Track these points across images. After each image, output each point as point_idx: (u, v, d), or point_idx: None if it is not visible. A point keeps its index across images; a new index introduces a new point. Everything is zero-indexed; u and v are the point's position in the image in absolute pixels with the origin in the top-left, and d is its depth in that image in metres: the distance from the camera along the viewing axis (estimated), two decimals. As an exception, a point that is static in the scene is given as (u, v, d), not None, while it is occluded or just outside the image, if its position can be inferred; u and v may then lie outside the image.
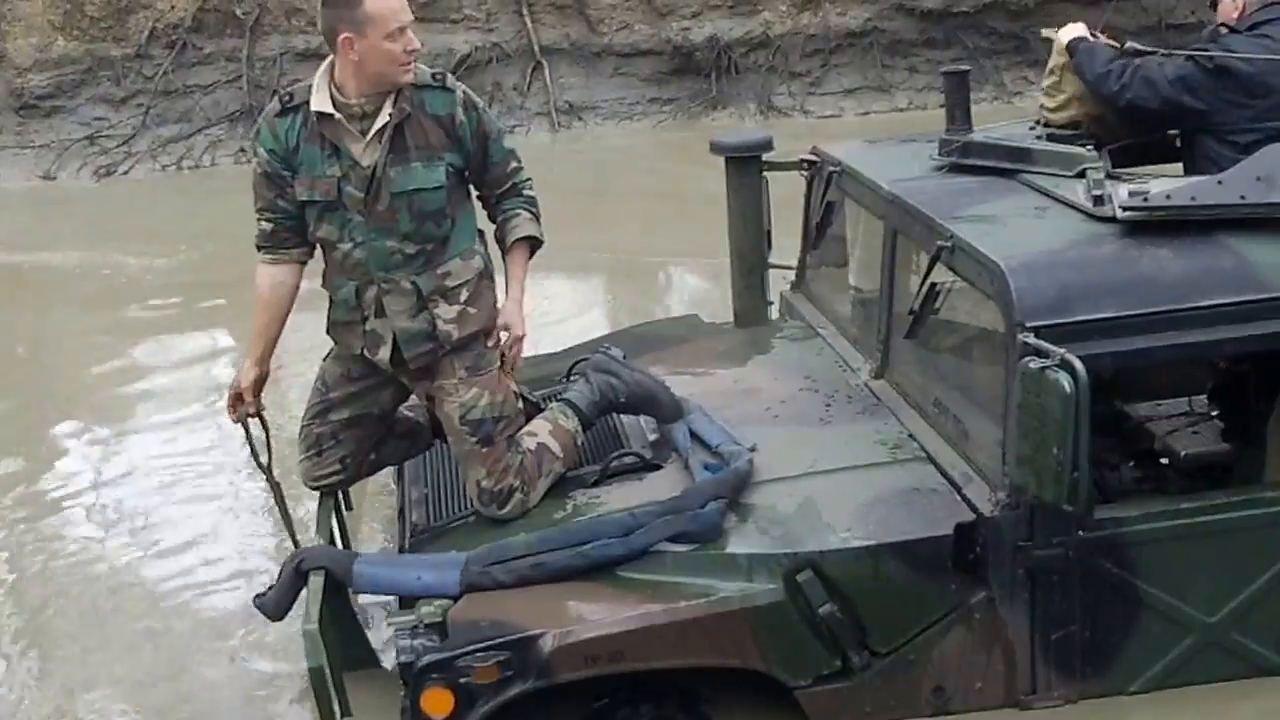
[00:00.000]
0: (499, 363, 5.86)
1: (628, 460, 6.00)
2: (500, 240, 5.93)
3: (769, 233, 7.72)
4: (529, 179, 5.97)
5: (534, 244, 5.94)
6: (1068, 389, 4.70)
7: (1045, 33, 6.60)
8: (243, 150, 17.90)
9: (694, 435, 5.98)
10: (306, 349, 8.23)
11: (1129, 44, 6.06)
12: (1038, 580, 5.21)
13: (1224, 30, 6.27)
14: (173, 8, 18.49)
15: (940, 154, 6.51)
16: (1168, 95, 6.02)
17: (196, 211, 15.95)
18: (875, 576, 5.24)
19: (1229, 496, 5.46)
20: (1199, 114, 6.03)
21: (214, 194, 16.57)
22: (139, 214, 16.42)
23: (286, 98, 5.66)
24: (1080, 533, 5.17)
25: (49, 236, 15.62)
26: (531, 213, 5.94)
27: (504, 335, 5.87)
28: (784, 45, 19.36)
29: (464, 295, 5.74)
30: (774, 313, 7.84)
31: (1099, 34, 6.39)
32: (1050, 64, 6.43)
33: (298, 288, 5.90)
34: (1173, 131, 6.40)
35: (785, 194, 7.77)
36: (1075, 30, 6.38)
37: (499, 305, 5.89)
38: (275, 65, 18.63)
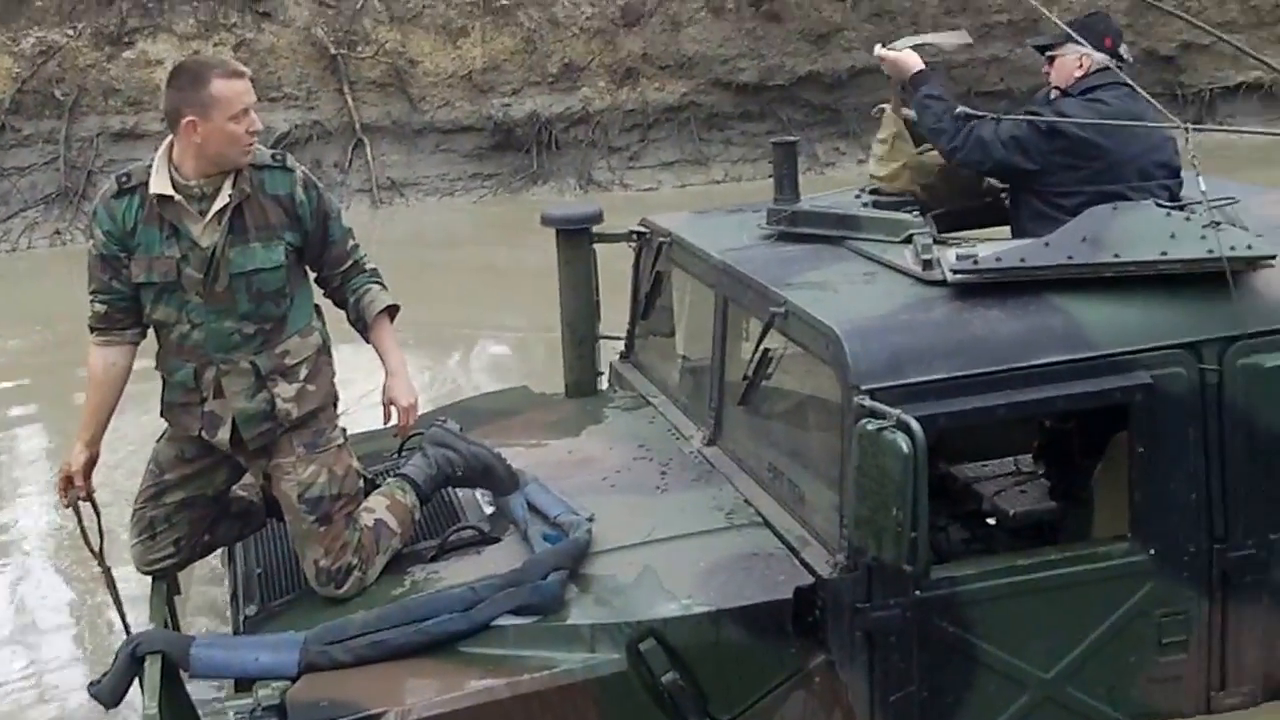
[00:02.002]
0: (340, 439, 5.75)
1: (466, 534, 5.90)
2: (359, 319, 5.86)
3: (598, 303, 7.68)
4: (366, 254, 5.91)
5: (393, 312, 5.86)
6: (905, 449, 4.70)
7: (881, 106, 6.65)
8: (58, 232, 17.70)
9: (532, 507, 5.92)
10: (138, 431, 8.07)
11: (959, 109, 6.11)
12: (876, 641, 5.18)
13: (1057, 94, 6.35)
14: (-9, 89, 18.22)
15: (768, 223, 6.52)
16: (1000, 157, 6.08)
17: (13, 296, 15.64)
18: (716, 643, 5.18)
19: (1060, 553, 5.50)
20: (1031, 174, 6.09)
21: (32, 277, 16.28)
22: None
23: (124, 178, 5.54)
24: (918, 593, 5.15)
25: None
26: (380, 284, 5.87)
27: (393, 410, 5.80)
28: (603, 120, 19.52)
29: (303, 373, 5.64)
30: (604, 383, 7.79)
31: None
32: (881, 134, 6.49)
33: (130, 369, 5.76)
34: (1002, 194, 6.46)
35: (612, 266, 7.75)
36: (912, 62, 6.46)
37: (387, 382, 5.82)
38: (92, 146, 18.46)
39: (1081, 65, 6.33)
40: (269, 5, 19.55)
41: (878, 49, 6.64)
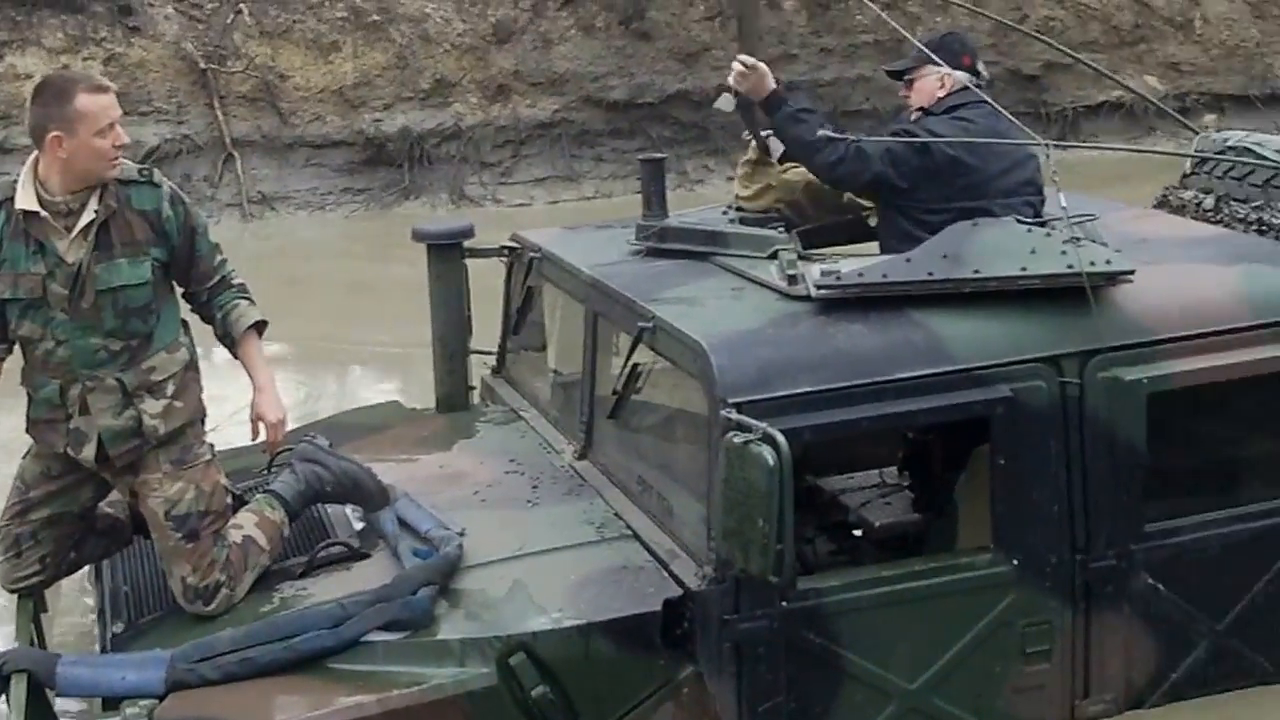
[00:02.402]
0: (207, 455, 5.69)
1: (335, 550, 5.86)
2: (227, 334, 5.81)
3: (469, 318, 7.66)
4: (234, 270, 5.86)
5: (261, 327, 5.82)
6: (771, 462, 4.73)
7: (719, 103, 6.66)
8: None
9: (402, 522, 5.88)
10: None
11: (821, 132, 6.14)
12: (744, 653, 5.19)
13: (919, 114, 6.39)
14: None
15: (637, 239, 6.54)
16: (878, 170, 6.06)
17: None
18: (586, 656, 5.19)
19: (924, 564, 5.54)
20: (900, 191, 6.09)
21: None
22: None
23: None
24: (784, 604, 5.18)
25: None
26: (248, 299, 5.83)
27: (261, 426, 5.75)
28: (475, 136, 19.46)
29: (170, 389, 5.58)
30: (475, 398, 7.77)
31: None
32: (746, 156, 6.53)
33: None
34: (864, 212, 6.51)
35: (483, 281, 7.73)
36: (764, 80, 6.42)
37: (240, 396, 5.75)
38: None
39: (943, 85, 6.40)
40: (139, 19, 19.34)
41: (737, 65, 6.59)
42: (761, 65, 6.48)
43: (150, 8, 19.40)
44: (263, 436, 5.81)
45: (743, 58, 6.60)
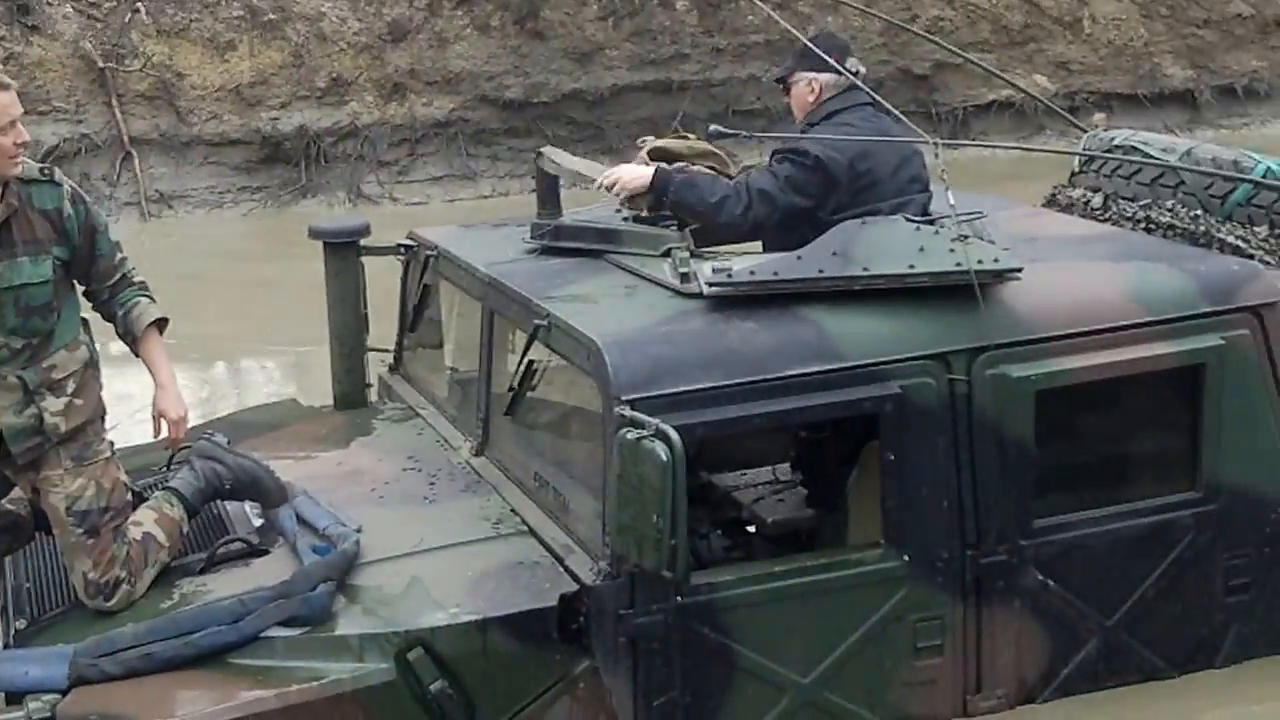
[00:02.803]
0: (108, 453, 5.66)
1: (234, 546, 5.84)
2: (128, 332, 5.77)
3: (366, 316, 7.65)
4: (135, 268, 5.83)
5: (162, 325, 5.79)
6: (664, 458, 4.76)
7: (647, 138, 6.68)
8: None
9: (300, 519, 5.88)
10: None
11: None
12: (639, 647, 5.21)
13: (805, 125, 6.42)
14: None
15: (532, 237, 6.56)
16: (785, 204, 6.06)
17: None
18: (484, 651, 5.20)
19: (816, 559, 5.58)
20: (807, 210, 6.09)
21: None
22: None
23: None
24: (679, 599, 5.20)
25: None
26: (149, 297, 5.80)
27: (163, 423, 5.73)
28: (372, 135, 19.39)
29: (70, 386, 5.54)
30: (373, 395, 7.77)
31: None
32: (639, 155, 6.52)
33: None
34: None
35: (380, 279, 7.73)
36: (638, 175, 6.30)
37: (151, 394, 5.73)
38: None
39: (814, 90, 6.43)
40: (37, 18, 19.13)
41: (599, 181, 6.46)
42: (620, 169, 6.42)
43: (48, 6, 19.18)
44: (165, 433, 5.79)
45: (601, 181, 6.45)
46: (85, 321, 5.75)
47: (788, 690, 5.43)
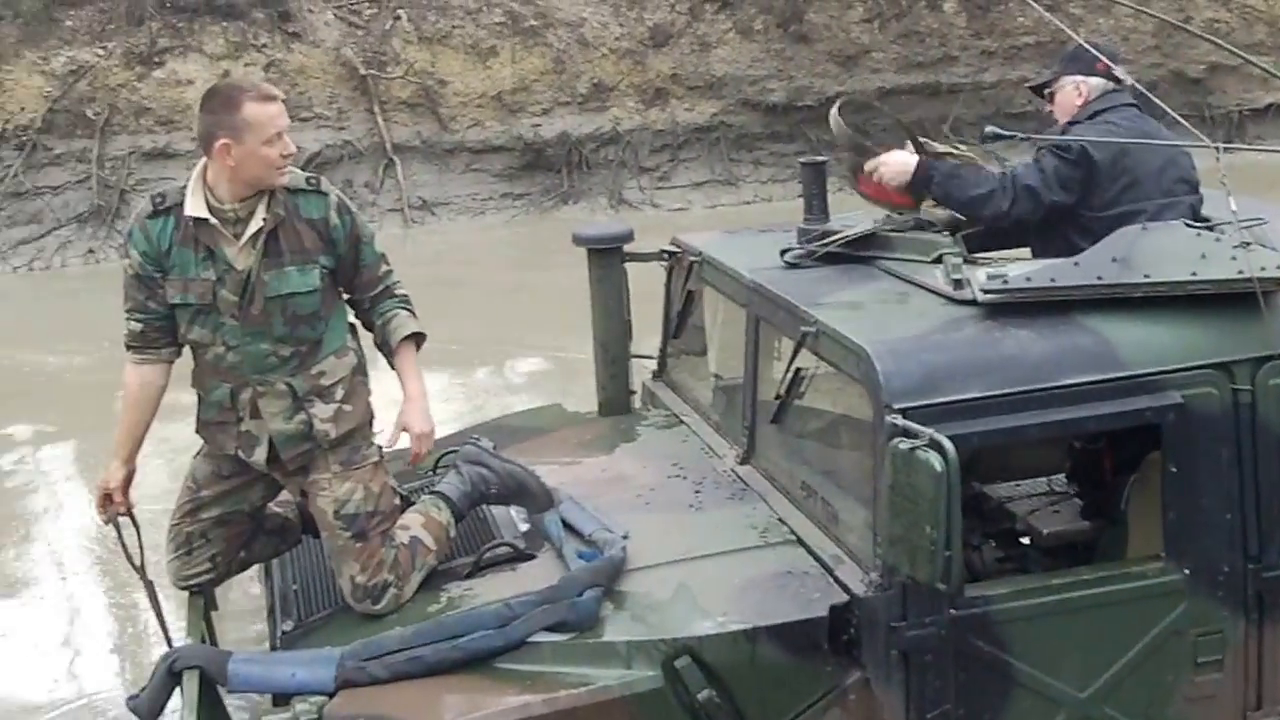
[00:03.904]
0: (376, 457, 5.78)
1: (501, 551, 5.90)
2: (384, 343, 5.86)
3: (630, 322, 7.70)
4: (399, 280, 5.92)
5: (419, 340, 5.87)
6: (938, 468, 4.70)
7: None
8: (91, 251, 17.79)
9: (566, 524, 5.93)
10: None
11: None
12: (911, 660, 5.16)
13: (1068, 124, 6.37)
14: (22, 109, 18.36)
15: (799, 243, 6.53)
16: (1050, 201, 6.05)
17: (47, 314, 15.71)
18: (752, 660, 5.19)
19: (1094, 573, 5.49)
20: (1069, 207, 6.07)
21: (66, 296, 16.36)
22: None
23: (159, 199, 5.56)
24: (952, 611, 5.14)
25: None
26: (409, 310, 5.88)
27: (405, 436, 5.79)
28: (633, 141, 19.56)
29: (339, 393, 5.67)
30: (636, 401, 7.81)
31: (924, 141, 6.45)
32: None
33: (165, 387, 5.78)
34: None
35: (642, 285, 7.78)
36: (902, 165, 6.34)
37: (402, 406, 5.81)
38: (124, 165, 18.56)
39: (1080, 94, 6.40)
40: (299, 26, 19.63)
41: (868, 165, 6.49)
42: (886, 156, 6.42)
43: (310, 14, 19.68)
44: (405, 444, 5.86)
45: (867, 167, 6.48)
46: (353, 328, 5.87)
47: (1064, 705, 5.34)
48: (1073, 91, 6.44)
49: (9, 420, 12.47)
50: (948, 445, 4.76)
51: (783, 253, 6.46)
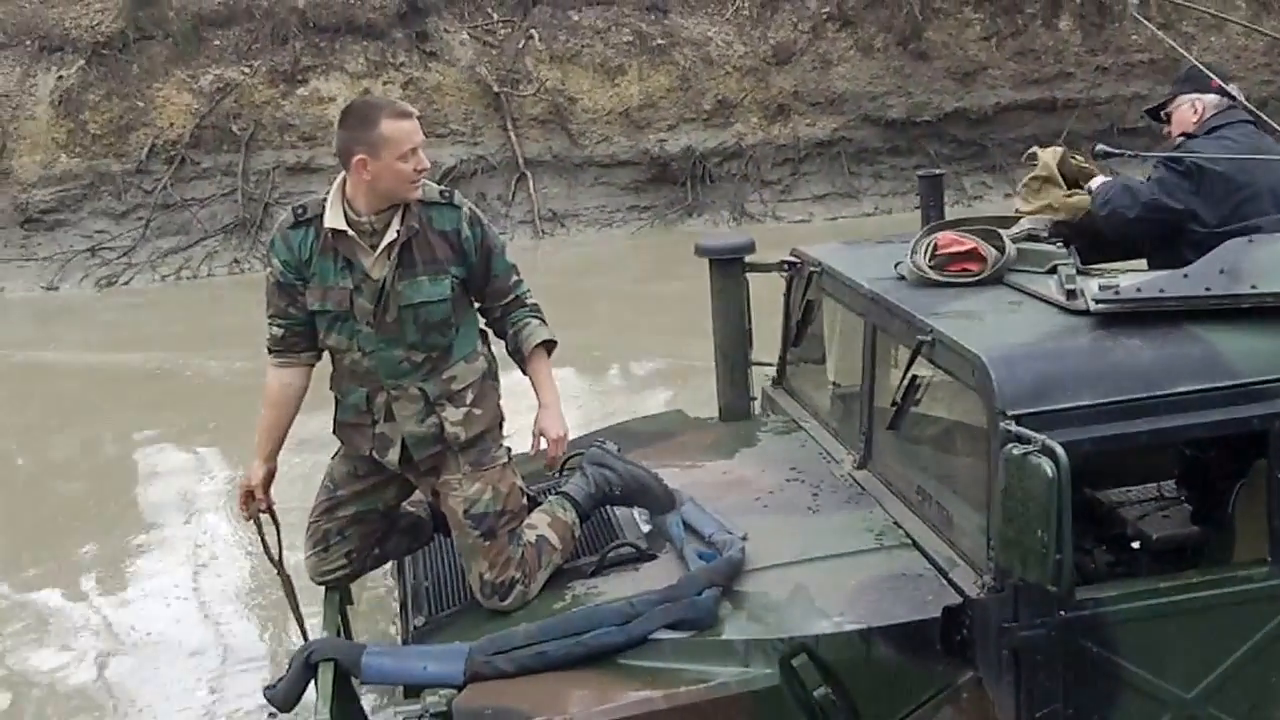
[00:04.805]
0: (504, 458, 5.82)
1: (624, 551, 5.93)
2: (517, 351, 5.91)
3: (750, 331, 7.71)
4: (529, 289, 5.96)
5: (550, 346, 5.92)
6: (1050, 473, 4.67)
7: (1033, 150, 6.65)
8: (236, 261, 18.02)
9: (687, 525, 5.94)
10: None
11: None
12: (1022, 660, 5.12)
13: (1182, 139, 6.35)
14: (171, 125, 18.63)
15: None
16: (1147, 199, 6.10)
17: (195, 321, 15.95)
18: (867, 659, 5.19)
19: (1202, 576, 5.42)
20: (1177, 214, 6.08)
21: (212, 303, 16.60)
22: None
23: (300, 211, 5.64)
24: (1063, 613, 5.10)
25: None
26: (539, 318, 5.93)
27: (542, 440, 5.83)
28: (756, 155, 19.57)
29: (469, 397, 5.71)
30: (756, 408, 7.81)
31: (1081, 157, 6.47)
32: (1032, 175, 6.48)
33: (305, 389, 5.86)
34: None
35: (762, 294, 7.78)
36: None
37: (536, 411, 5.87)
38: (267, 179, 18.78)
39: (1196, 110, 6.41)
40: (435, 45, 19.79)
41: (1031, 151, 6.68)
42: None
43: (446, 34, 19.84)
44: (543, 449, 5.89)
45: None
46: (484, 334, 5.92)
47: (1171, 705, 5.28)
48: (1189, 109, 6.45)
49: (155, 421, 12.66)
50: (1060, 451, 4.73)
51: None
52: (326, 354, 5.83)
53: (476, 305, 5.90)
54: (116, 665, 7.88)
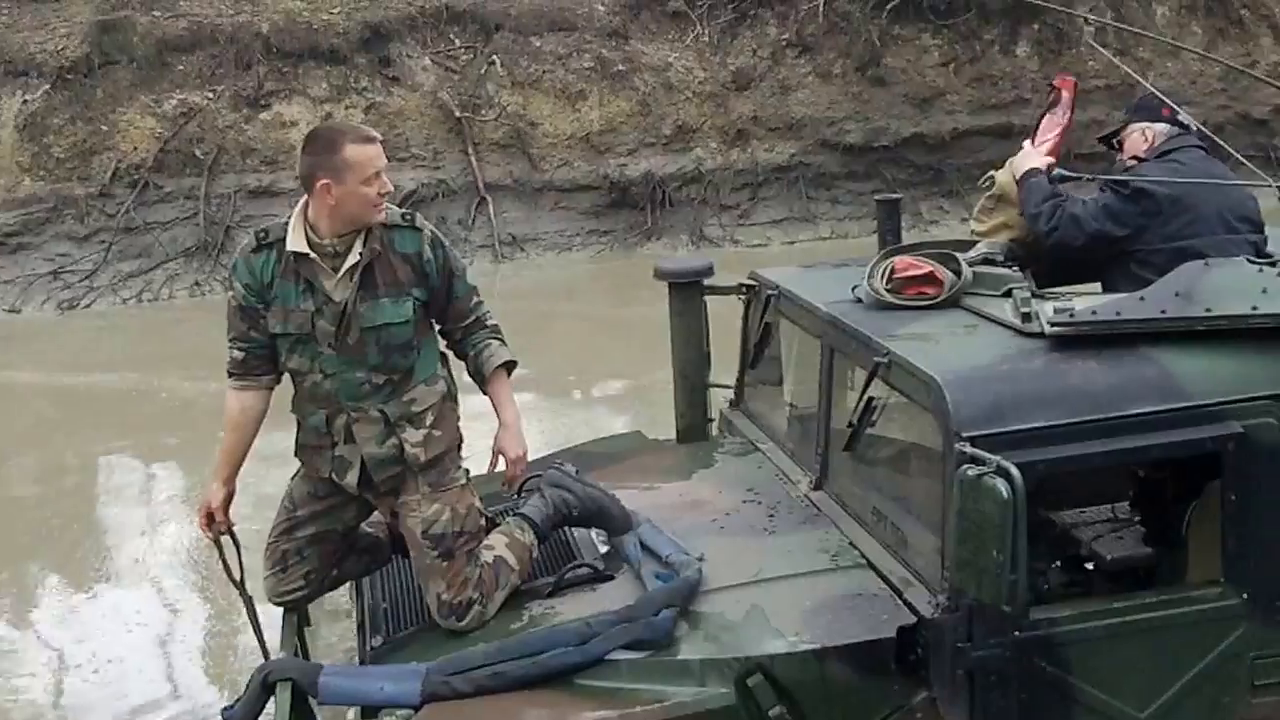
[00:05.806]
0: (463, 480, 5.79)
1: (581, 572, 5.90)
2: (478, 372, 5.87)
3: (708, 354, 7.69)
4: (489, 311, 5.93)
5: (510, 367, 5.88)
6: (1005, 495, 4.67)
7: (989, 175, 6.66)
8: (198, 284, 17.98)
9: (644, 546, 5.91)
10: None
11: (1055, 170, 6.11)
12: (977, 680, 5.11)
13: (1133, 162, 6.40)
14: (135, 149, 18.59)
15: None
16: (1093, 230, 6.15)
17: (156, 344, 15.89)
18: (822, 679, 5.16)
19: (1156, 597, 5.43)
20: (1122, 239, 6.13)
21: (173, 326, 16.55)
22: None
23: (262, 235, 5.60)
24: (1017, 633, 5.10)
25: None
26: (500, 340, 5.89)
27: (501, 459, 5.82)
28: (715, 179, 19.62)
29: (430, 419, 5.68)
30: (714, 430, 7.80)
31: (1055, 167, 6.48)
32: (988, 194, 6.51)
33: (265, 412, 5.82)
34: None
35: (721, 317, 7.77)
36: (1032, 160, 6.50)
37: (497, 432, 5.85)
38: (229, 202, 18.76)
39: (1146, 138, 6.50)
40: (397, 70, 19.80)
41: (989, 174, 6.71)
42: (1020, 155, 6.61)
43: (408, 59, 19.85)
44: (501, 468, 5.87)
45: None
46: (444, 356, 5.89)
47: None
48: (1139, 138, 6.53)
49: (117, 442, 12.60)
50: (1014, 472, 4.72)
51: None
52: (288, 377, 5.79)
53: (437, 327, 5.87)
54: (72, 688, 7.83)
